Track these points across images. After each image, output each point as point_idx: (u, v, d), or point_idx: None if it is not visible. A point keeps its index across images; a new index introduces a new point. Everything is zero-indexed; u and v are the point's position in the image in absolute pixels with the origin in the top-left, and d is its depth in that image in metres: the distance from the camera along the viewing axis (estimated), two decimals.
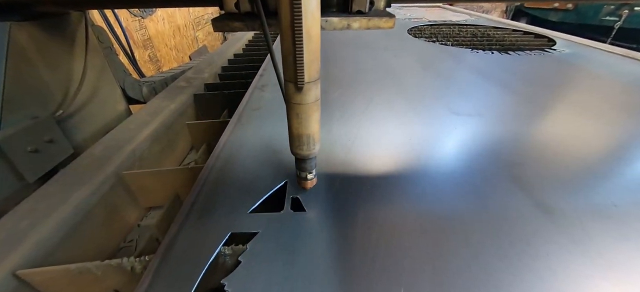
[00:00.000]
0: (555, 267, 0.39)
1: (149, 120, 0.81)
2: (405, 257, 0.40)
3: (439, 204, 0.49)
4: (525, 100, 0.89)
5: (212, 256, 0.41)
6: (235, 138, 0.69)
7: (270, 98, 0.92)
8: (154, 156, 0.79)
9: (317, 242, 0.43)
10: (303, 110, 0.36)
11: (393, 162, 0.60)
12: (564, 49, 1.48)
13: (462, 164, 0.60)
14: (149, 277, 0.38)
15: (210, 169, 0.59)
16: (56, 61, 0.79)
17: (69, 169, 0.63)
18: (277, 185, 0.53)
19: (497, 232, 0.44)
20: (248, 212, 0.48)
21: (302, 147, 0.41)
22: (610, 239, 0.43)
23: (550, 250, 0.41)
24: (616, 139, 0.69)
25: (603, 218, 0.46)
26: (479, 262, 0.39)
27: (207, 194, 0.52)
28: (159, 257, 0.41)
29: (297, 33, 0.28)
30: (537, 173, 0.57)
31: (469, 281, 0.37)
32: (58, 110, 0.77)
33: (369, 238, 0.43)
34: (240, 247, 0.42)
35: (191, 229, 0.45)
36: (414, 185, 0.54)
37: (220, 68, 1.37)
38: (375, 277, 0.38)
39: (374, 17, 0.41)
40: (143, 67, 2.56)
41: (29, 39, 0.70)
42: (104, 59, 0.98)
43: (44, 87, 0.75)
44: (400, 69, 1.17)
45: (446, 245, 0.42)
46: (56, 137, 0.73)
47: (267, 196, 0.51)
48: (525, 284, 0.37)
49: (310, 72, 0.33)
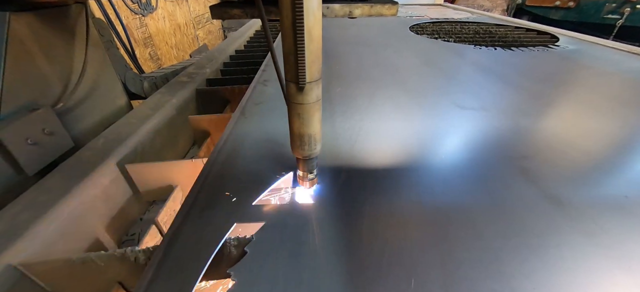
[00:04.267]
0: (567, 259, 0.38)
1: (150, 114, 0.81)
2: (414, 249, 0.39)
3: (447, 197, 0.48)
4: (530, 95, 0.88)
5: (217, 246, 0.40)
6: (239, 132, 0.68)
7: (273, 93, 0.91)
8: (155, 150, 0.78)
9: (323, 233, 0.42)
10: (304, 111, 0.36)
11: (398, 155, 0.59)
12: (568, 45, 1.47)
13: (468, 156, 0.59)
14: (153, 268, 0.37)
15: (213, 162, 0.58)
16: (56, 53, 0.78)
17: (69, 161, 0.62)
18: (281, 177, 0.53)
19: (507, 224, 0.43)
20: (253, 203, 0.47)
21: (303, 147, 0.40)
22: (623, 230, 0.42)
23: (562, 241, 0.40)
24: (625, 133, 0.68)
25: (614, 209, 0.46)
26: (489, 255, 0.38)
27: (211, 186, 0.52)
28: (163, 249, 0.40)
29: (299, 33, 0.28)
30: (546, 166, 0.56)
31: (480, 273, 0.36)
32: (58, 103, 0.76)
33: (376, 230, 0.42)
34: (246, 237, 0.42)
35: (195, 221, 0.44)
36: (420, 177, 0.53)
37: (221, 64, 1.36)
38: (384, 269, 0.37)
39: (377, 4, 0.40)
40: (144, 66, 2.55)
41: (29, 30, 0.69)
42: (105, 53, 0.97)
43: (44, 79, 0.74)
44: (403, 66, 1.16)
45: (455, 237, 0.41)
46: (56, 130, 0.71)
47: (271, 187, 0.50)
48: (536, 275, 0.36)
49: (312, 72, 0.32)
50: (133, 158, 0.68)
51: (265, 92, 0.92)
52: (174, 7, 3.34)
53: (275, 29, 1.81)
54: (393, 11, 0.41)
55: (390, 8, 0.41)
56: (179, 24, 3.44)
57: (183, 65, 1.65)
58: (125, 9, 2.45)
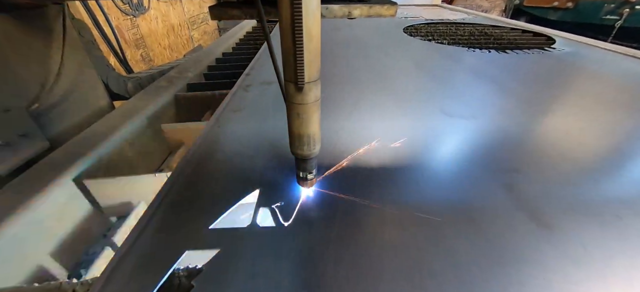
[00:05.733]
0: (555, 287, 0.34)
1: (120, 123, 0.76)
2: (380, 280, 0.35)
3: (421, 212, 0.44)
4: (522, 101, 0.84)
5: (163, 277, 0.36)
6: (209, 143, 0.64)
7: (254, 99, 0.87)
8: (126, 161, 0.74)
9: (287, 263, 0.38)
10: (304, 110, 0.36)
11: (375, 167, 0.55)
12: (564, 47, 1.43)
13: (450, 170, 0.55)
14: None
15: (177, 176, 0.54)
16: (31, 54, 0.76)
17: (27, 174, 0.58)
18: (246, 195, 0.48)
19: (487, 249, 0.39)
20: (210, 227, 0.43)
21: (302, 148, 0.40)
22: (615, 253, 0.38)
23: (548, 267, 0.36)
24: (623, 144, 0.64)
25: (605, 229, 0.41)
26: (465, 287, 0.34)
27: (170, 204, 0.47)
28: (103, 280, 0.36)
29: (298, 33, 0.28)
30: (534, 181, 0.52)
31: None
32: (33, 104, 0.74)
33: (342, 260, 0.38)
34: (196, 267, 0.38)
35: (145, 246, 0.40)
36: (394, 192, 0.49)
37: (206, 67, 1.32)
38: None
39: (376, 5, 0.39)
40: (135, 67, 2.51)
41: (2, 31, 0.68)
42: (84, 54, 0.94)
43: (18, 79, 0.72)
44: (393, 69, 1.12)
45: (427, 266, 0.37)
46: (30, 131, 0.70)
47: (232, 207, 0.46)
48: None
49: (311, 72, 0.32)
50: (96, 171, 0.63)
51: (245, 98, 0.87)
52: (168, 7, 3.30)
53: (273, 20, 1.77)
54: (392, 12, 0.40)
55: (389, 9, 0.40)
56: (173, 25, 3.40)
57: (171, 66, 1.61)
58: (116, 10, 2.40)
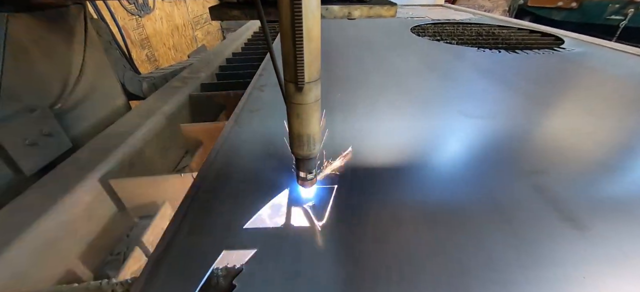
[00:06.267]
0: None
1: (140, 123, 0.77)
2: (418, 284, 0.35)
3: (455, 218, 0.44)
4: (539, 103, 0.84)
5: (203, 277, 0.37)
6: (232, 143, 0.64)
7: (269, 99, 0.87)
8: (145, 161, 0.74)
9: (325, 262, 0.38)
10: (303, 111, 0.35)
11: (399, 171, 0.55)
12: (574, 47, 1.43)
13: (476, 172, 0.55)
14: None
15: (203, 177, 0.54)
16: (54, 54, 0.77)
17: (51, 175, 0.58)
18: (276, 195, 0.49)
19: (522, 249, 0.39)
20: (244, 226, 0.43)
21: (302, 147, 0.40)
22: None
23: (586, 272, 0.36)
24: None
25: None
26: (506, 288, 0.35)
27: (200, 205, 0.48)
28: (143, 281, 0.36)
29: (298, 33, 0.28)
30: (562, 183, 0.52)
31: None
32: (56, 104, 0.75)
33: (384, 257, 0.38)
34: (235, 267, 0.38)
35: (181, 246, 0.40)
36: (423, 194, 0.49)
37: (217, 68, 1.32)
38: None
39: (376, 5, 0.40)
40: (140, 67, 2.51)
41: (27, 31, 0.68)
42: (103, 54, 0.95)
43: (42, 80, 0.73)
44: (405, 70, 1.12)
45: (465, 266, 0.37)
46: (54, 131, 0.71)
47: (264, 207, 0.46)
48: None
49: (311, 72, 0.32)
50: (119, 171, 0.64)
51: (261, 99, 0.88)
52: (172, 7, 3.30)
53: (275, 30, 1.78)
54: (392, 12, 0.40)
55: (389, 9, 0.40)
56: (177, 25, 3.40)
57: (182, 66, 1.61)
58: (122, 11, 2.41)
